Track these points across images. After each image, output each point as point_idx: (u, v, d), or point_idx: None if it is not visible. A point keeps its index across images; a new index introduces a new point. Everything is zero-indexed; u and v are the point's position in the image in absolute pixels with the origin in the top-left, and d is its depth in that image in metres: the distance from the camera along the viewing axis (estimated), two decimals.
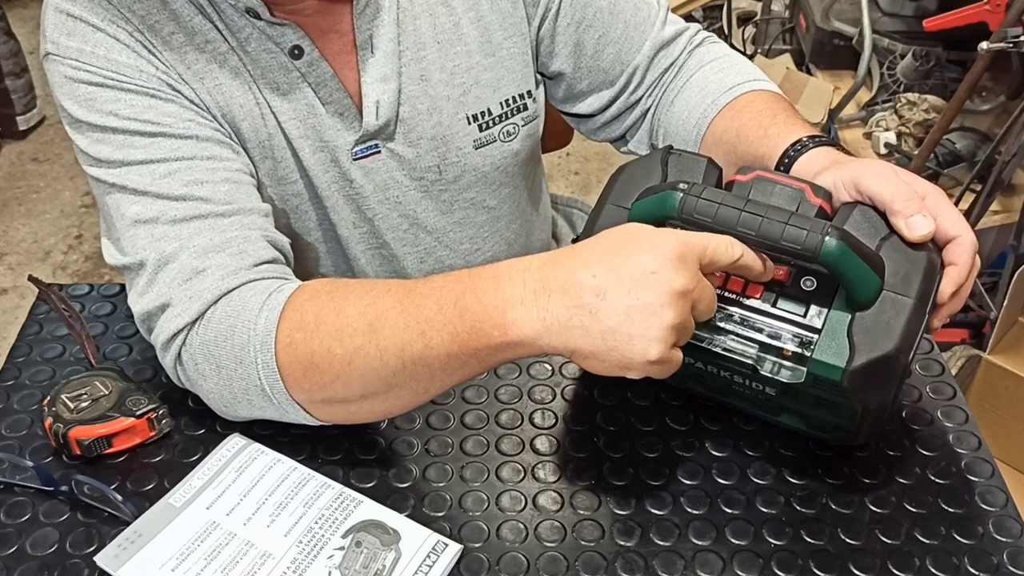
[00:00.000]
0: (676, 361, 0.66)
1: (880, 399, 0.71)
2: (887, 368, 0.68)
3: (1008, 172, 1.86)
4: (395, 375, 0.70)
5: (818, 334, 0.69)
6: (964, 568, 0.71)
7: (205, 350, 0.76)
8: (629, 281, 0.64)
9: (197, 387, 0.79)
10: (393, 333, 0.69)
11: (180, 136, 0.81)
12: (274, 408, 0.76)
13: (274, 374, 0.73)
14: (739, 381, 0.76)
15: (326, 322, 0.72)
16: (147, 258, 0.78)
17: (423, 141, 0.94)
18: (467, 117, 0.95)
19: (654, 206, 0.70)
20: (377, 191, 0.95)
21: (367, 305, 0.72)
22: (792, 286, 0.72)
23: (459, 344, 0.67)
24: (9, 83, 2.81)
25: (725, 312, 0.72)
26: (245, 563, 0.69)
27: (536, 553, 0.72)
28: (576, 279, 0.65)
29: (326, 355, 0.71)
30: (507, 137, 0.98)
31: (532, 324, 0.65)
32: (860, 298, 0.68)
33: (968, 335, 1.96)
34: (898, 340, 0.67)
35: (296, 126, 0.89)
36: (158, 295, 0.77)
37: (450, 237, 1.01)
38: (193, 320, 0.76)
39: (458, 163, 0.96)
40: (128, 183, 0.80)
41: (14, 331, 0.92)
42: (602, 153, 2.90)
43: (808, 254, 0.65)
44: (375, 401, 0.73)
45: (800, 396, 0.74)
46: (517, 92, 0.98)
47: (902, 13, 2.25)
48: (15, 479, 0.76)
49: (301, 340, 0.72)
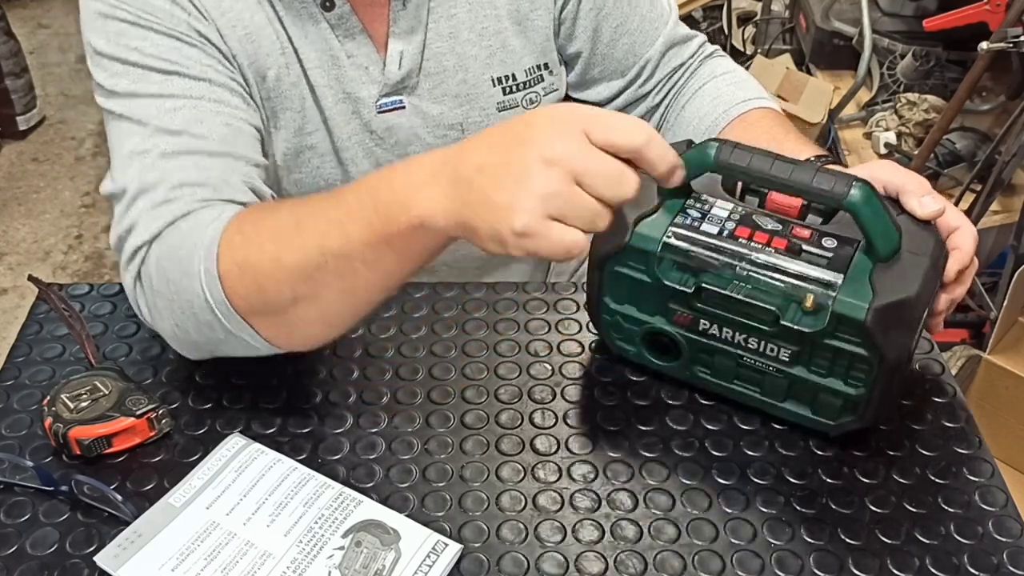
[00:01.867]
0: (555, 237, 0.62)
1: (898, 348, 0.72)
2: (907, 312, 0.72)
3: (1008, 172, 1.86)
4: (319, 271, 0.71)
5: (839, 286, 0.73)
6: (964, 568, 0.71)
7: (159, 264, 0.78)
8: (500, 149, 0.64)
9: (154, 309, 0.80)
10: (315, 226, 0.71)
11: (194, 78, 0.84)
12: (220, 325, 0.76)
13: (214, 280, 0.74)
14: (753, 347, 0.77)
15: (263, 225, 0.75)
16: (129, 186, 0.81)
17: (447, 98, 0.97)
18: (492, 79, 0.98)
19: (689, 162, 0.73)
20: (398, 146, 0.97)
21: (298, 206, 0.75)
22: (813, 244, 0.75)
23: (373, 232, 0.68)
24: (9, 83, 2.81)
25: (748, 260, 0.75)
26: (245, 563, 0.69)
27: (536, 553, 0.72)
28: (465, 156, 0.66)
29: (259, 254, 0.73)
30: (529, 104, 1.01)
31: (431, 203, 0.66)
32: (880, 249, 0.72)
33: (968, 335, 1.96)
34: (918, 288, 0.71)
35: (321, 75, 0.92)
36: (129, 220, 0.80)
37: None
38: (152, 238, 0.78)
39: (481, 123, 0.99)
40: (133, 114, 0.83)
41: (14, 331, 0.92)
42: None
43: (837, 197, 0.70)
44: (308, 307, 0.74)
45: (815, 357, 0.75)
46: (540, 62, 1.01)
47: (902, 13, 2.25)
48: (15, 479, 0.76)
49: (239, 243, 0.75)
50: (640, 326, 0.82)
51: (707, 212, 0.78)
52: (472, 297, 0.95)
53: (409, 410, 0.83)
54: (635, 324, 0.82)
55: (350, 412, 0.83)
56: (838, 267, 0.73)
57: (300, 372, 0.86)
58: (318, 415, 0.82)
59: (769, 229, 0.76)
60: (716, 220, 0.77)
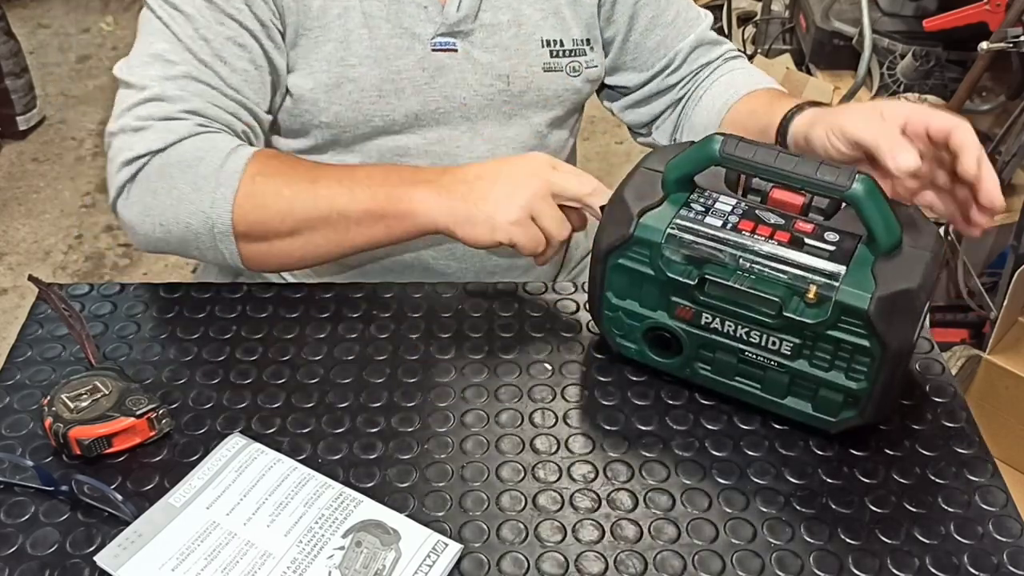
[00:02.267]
0: (535, 235, 0.86)
1: (900, 339, 0.72)
2: (910, 303, 0.72)
3: (1008, 172, 1.86)
4: (321, 222, 0.88)
5: (842, 276, 0.73)
6: (964, 568, 0.71)
7: (164, 172, 0.88)
8: (498, 168, 0.88)
9: (135, 205, 0.89)
10: (329, 185, 0.88)
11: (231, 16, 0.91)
12: (209, 239, 0.88)
13: (227, 204, 0.87)
14: (755, 341, 0.77)
15: (283, 171, 0.90)
16: (149, 86, 0.90)
17: (498, 49, 1.02)
18: (542, 40, 1.04)
19: (694, 154, 0.77)
20: (446, 87, 1.01)
21: (314, 166, 0.92)
22: (816, 237, 0.75)
23: (376, 203, 0.87)
24: (9, 83, 2.81)
25: (751, 252, 0.76)
26: (245, 563, 0.69)
27: (536, 553, 0.72)
28: (467, 170, 0.89)
29: (275, 196, 0.88)
30: (572, 73, 1.07)
31: (428, 197, 0.87)
32: (882, 242, 0.73)
33: (968, 335, 1.96)
34: (920, 279, 0.72)
35: (380, 9, 0.97)
36: (140, 119, 0.89)
37: (502, 151, 1.07)
38: (162, 148, 0.88)
39: (526, 78, 1.04)
40: (171, 23, 0.91)
41: (14, 331, 0.92)
42: (602, 154, 2.90)
43: (839, 189, 0.72)
44: (295, 243, 0.90)
45: (817, 350, 0.75)
46: (585, 37, 1.07)
47: (902, 13, 2.25)
48: (15, 479, 0.76)
49: (260, 181, 0.88)
50: (641, 322, 0.82)
51: (711, 206, 0.79)
52: (472, 297, 0.95)
53: (409, 410, 0.83)
54: (636, 320, 0.82)
55: (350, 412, 0.83)
56: (841, 259, 0.74)
57: (300, 372, 0.86)
58: (318, 415, 0.82)
59: (772, 223, 0.77)
60: (720, 214, 0.78)
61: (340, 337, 0.90)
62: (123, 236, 2.59)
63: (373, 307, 0.94)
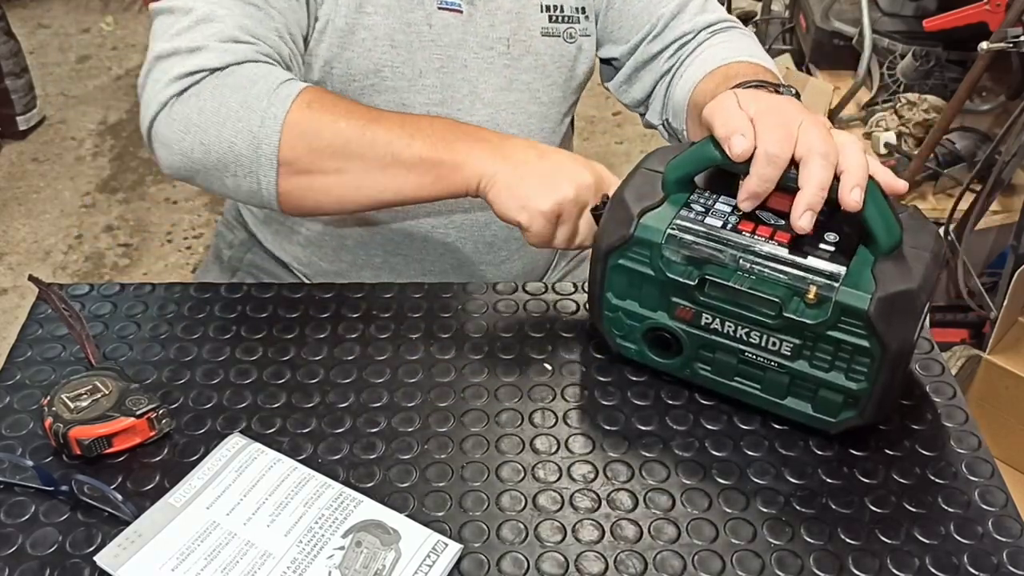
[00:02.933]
0: (548, 230, 0.86)
1: (900, 339, 0.72)
2: (909, 303, 0.72)
3: (1008, 172, 1.86)
4: (375, 159, 0.86)
5: (842, 277, 0.73)
6: (964, 568, 0.71)
7: (218, 91, 0.85)
8: (557, 159, 0.87)
9: (177, 121, 0.86)
10: (390, 127, 0.87)
11: None
12: (250, 162, 0.85)
13: (277, 125, 0.84)
14: (754, 341, 0.77)
15: (340, 105, 0.88)
16: (196, 7, 0.88)
17: (500, 12, 1.04)
18: (541, 5, 1.06)
19: (694, 154, 0.78)
20: (450, 47, 1.03)
21: (375, 109, 0.90)
22: (816, 238, 0.75)
23: (434, 151, 0.86)
24: (9, 83, 2.81)
25: (751, 252, 0.76)
26: (245, 563, 0.69)
27: (536, 553, 0.72)
28: (526, 144, 0.89)
29: (331, 125, 0.86)
30: (568, 39, 1.09)
31: (484, 159, 0.86)
32: (882, 243, 0.73)
33: (968, 335, 1.96)
34: (920, 280, 0.73)
35: None
36: (194, 40, 0.87)
37: (503, 116, 1.07)
38: (220, 67, 0.86)
39: (525, 42, 1.06)
40: None
41: (14, 331, 0.92)
42: (602, 154, 2.90)
43: None
44: (342, 178, 0.87)
45: (817, 351, 0.75)
46: (580, 5, 1.09)
47: (902, 13, 2.25)
48: (15, 479, 0.76)
49: (317, 107, 0.86)
50: (641, 322, 0.82)
51: (711, 207, 0.79)
52: (472, 297, 0.95)
53: (409, 410, 0.83)
54: (636, 320, 0.82)
55: (350, 412, 0.83)
56: (841, 260, 0.74)
57: (300, 372, 0.86)
58: (318, 415, 0.82)
59: (772, 223, 0.77)
60: (720, 214, 0.78)
61: (340, 337, 0.90)
62: (123, 236, 2.59)
63: (373, 307, 0.94)
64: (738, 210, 0.78)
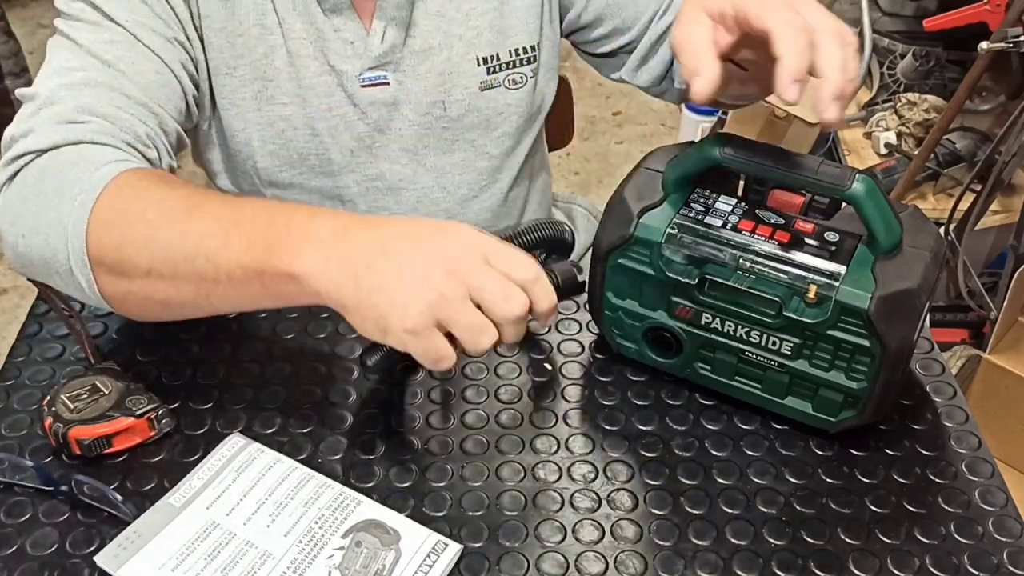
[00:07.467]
0: (436, 347, 0.65)
1: (900, 338, 0.73)
2: (909, 302, 0.72)
3: (1008, 172, 1.86)
4: (186, 263, 0.70)
5: (842, 276, 0.73)
6: (964, 568, 0.71)
7: (41, 174, 0.77)
8: (408, 240, 0.66)
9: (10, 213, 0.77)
10: (203, 222, 0.70)
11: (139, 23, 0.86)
12: (65, 259, 0.74)
13: (84, 212, 0.73)
14: (754, 341, 0.77)
15: (155, 192, 0.74)
16: (42, 93, 0.82)
17: (432, 75, 0.98)
18: (477, 59, 0.99)
19: (694, 154, 0.77)
20: (381, 121, 0.99)
21: (197, 193, 0.74)
22: (816, 237, 0.76)
23: (251, 256, 0.68)
24: (9, 83, 2.81)
25: (751, 251, 0.76)
26: (245, 563, 0.69)
27: (536, 553, 0.72)
28: (371, 235, 0.67)
29: (139, 216, 0.72)
30: (513, 85, 1.02)
31: (315, 262, 0.66)
32: (882, 242, 0.73)
33: (968, 335, 1.96)
34: (920, 279, 0.73)
35: (305, 47, 0.94)
36: (29, 124, 0.80)
37: (448, 179, 1.04)
38: (46, 148, 0.78)
39: (462, 101, 1.00)
40: (72, 34, 0.85)
41: (14, 331, 0.92)
42: (602, 153, 2.90)
43: (839, 189, 0.72)
44: (157, 284, 0.72)
45: (817, 350, 0.75)
46: (527, 44, 1.02)
47: (902, 13, 2.25)
48: (15, 479, 0.76)
49: (126, 195, 0.73)
50: (641, 321, 0.82)
51: (711, 206, 0.79)
52: None
53: (409, 410, 0.83)
54: (636, 319, 0.82)
55: (350, 412, 0.83)
56: (841, 259, 0.74)
57: (300, 372, 0.86)
58: (318, 415, 0.82)
59: (772, 223, 0.77)
60: (720, 214, 0.78)
61: (340, 337, 0.90)
62: None
63: None
64: (738, 209, 0.78)
